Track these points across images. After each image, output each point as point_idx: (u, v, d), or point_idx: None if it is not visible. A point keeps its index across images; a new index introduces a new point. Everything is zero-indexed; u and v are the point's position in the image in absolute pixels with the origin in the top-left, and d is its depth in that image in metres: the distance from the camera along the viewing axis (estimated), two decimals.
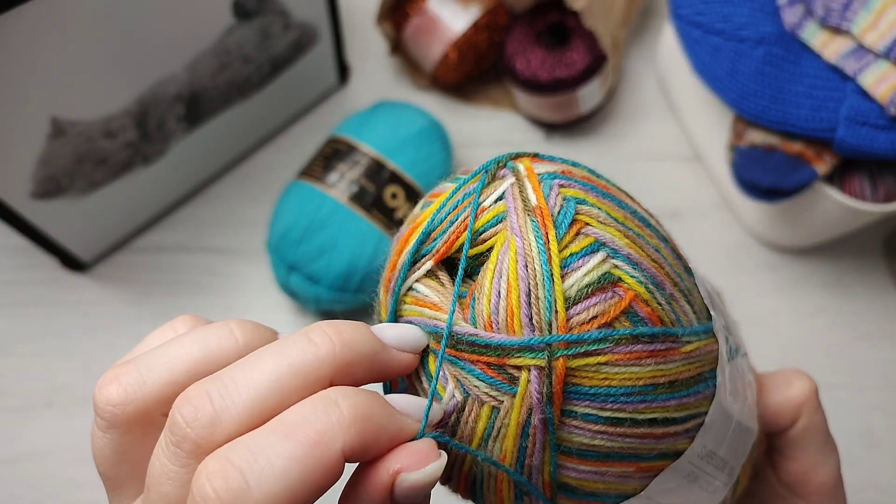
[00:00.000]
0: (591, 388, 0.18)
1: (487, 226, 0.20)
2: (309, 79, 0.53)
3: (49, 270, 0.49)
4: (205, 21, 0.42)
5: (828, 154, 0.43)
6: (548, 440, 0.19)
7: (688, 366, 0.19)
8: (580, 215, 0.19)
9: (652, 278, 0.19)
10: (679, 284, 0.20)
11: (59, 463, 0.45)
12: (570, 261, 0.18)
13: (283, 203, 0.46)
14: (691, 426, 0.20)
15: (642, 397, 0.19)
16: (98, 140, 0.42)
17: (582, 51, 0.50)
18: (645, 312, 0.19)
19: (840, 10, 0.43)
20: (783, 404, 0.26)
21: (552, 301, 0.18)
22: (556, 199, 0.19)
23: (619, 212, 0.20)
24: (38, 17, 0.34)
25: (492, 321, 0.19)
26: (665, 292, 0.19)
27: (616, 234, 0.19)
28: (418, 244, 0.21)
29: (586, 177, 0.20)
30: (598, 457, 0.19)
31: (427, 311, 0.20)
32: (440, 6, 0.51)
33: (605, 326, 0.18)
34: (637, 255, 0.19)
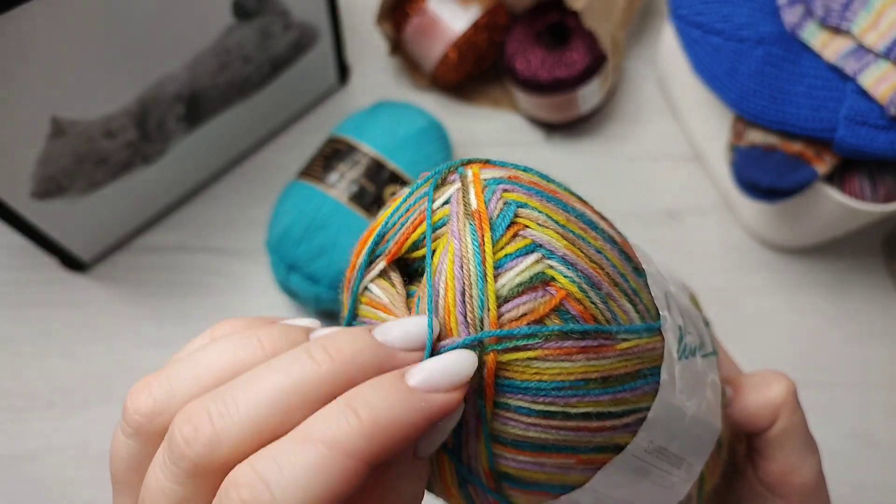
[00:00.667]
0: (522, 381, 0.19)
1: (435, 226, 0.21)
2: (309, 79, 0.53)
3: (49, 270, 0.49)
4: (205, 21, 0.42)
5: (828, 154, 0.43)
6: (481, 430, 0.20)
7: (623, 362, 0.20)
8: (520, 218, 0.20)
9: (588, 278, 0.20)
10: (621, 285, 0.21)
11: (59, 463, 0.45)
12: (504, 261, 0.19)
13: (282, 203, 0.46)
14: (631, 421, 0.21)
15: (574, 392, 0.19)
16: (98, 140, 0.42)
17: (582, 51, 0.50)
18: (577, 310, 0.19)
19: (840, 11, 0.43)
20: (761, 405, 0.26)
21: (484, 299, 0.19)
22: (496, 204, 0.20)
23: (561, 215, 0.20)
24: (38, 16, 0.34)
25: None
26: (601, 292, 0.20)
27: (554, 236, 0.20)
28: (373, 245, 0.22)
29: (534, 182, 0.21)
30: (534, 448, 0.20)
31: (380, 312, 0.21)
32: (440, 6, 0.51)
33: (535, 323, 0.19)
34: (574, 255, 0.20)
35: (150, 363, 0.47)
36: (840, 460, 0.45)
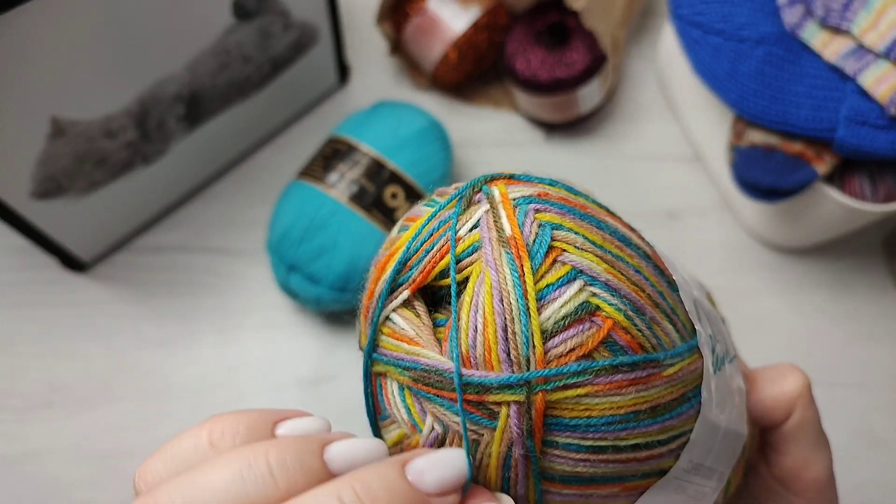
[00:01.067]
0: (571, 419, 0.18)
1: (462, 255, 0.19)
2: (309, 79, 0.53)
3: (49, 271, 0.49)
4: (205, 21, 0.42)
5: (828, 154, 0.43)
6: (530, 470, 0.19)
7: (670, 389, 0.19)
8: (557, 241, 0.19)
9: (632, 304, 0.19)
10: (661, 305, 0.20)
11: (58, 463, 0.45)
12: (546, 292, 0.18)
13: (282, 203, 0.46)
14: (675, 446, 0.20)
15: (624, 425, 0.18)
16: (98, 140, 0.42)
17: (582, 51, 0.50)
18: (625, 340, 0.19)
19: (840, 10, 0.43)
20: (777, 399, 0.26)
21: (529, 336, 0.18)
22: (531, 227, 0.19)
23: (597, 234, 0.19)
24: (37, 16, 0.34)
25: (470, 356, 0.18)
26: (645, 317, 0.19)
27: (594, 260, 0.19)
28: (395, 273, 0.20)
29: (563, 198, 0.20)
30: (582, 482, 0.19)
31: (404, 345, 0.20)
32: (440, 6, 0.51)
33: (583, 358, 0.18)
34: (616, 280, 0.19)
35: (150, 363, 0.47)
36: (842, 460, 0.45)
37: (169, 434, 0.49)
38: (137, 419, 0.46)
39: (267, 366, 0.47)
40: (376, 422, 0.22)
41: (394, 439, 0.21)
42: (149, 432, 0.45)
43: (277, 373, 0.47)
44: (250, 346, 0.48)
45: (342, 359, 0.48)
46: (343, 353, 0.48)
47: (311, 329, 0.48)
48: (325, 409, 0.46)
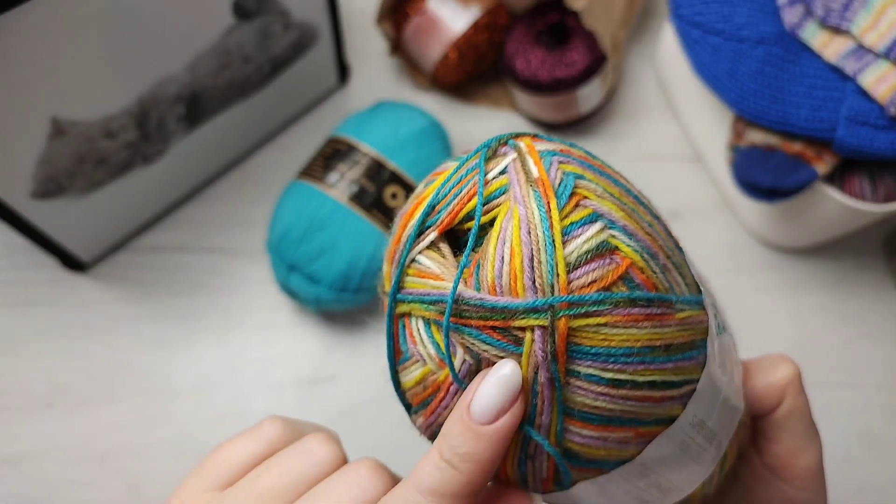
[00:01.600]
0: (592, 347, 0.19)
1: (491, 197, 0.21)
2: (309, 79, 0.53)
3: (49, 270, 0.49)
4: (205, 21, 0.42)
5: (828, 154, 0.43)
6: (555, 398, 0.20)
7: (682, 331, 0.20)
8: (579, 189, 0.20)
9: (647, 249, 0.20)
10: (672, 257, 0.21)
11: (58, 463, 0.45)
12: (570, 229, 0.20)
13: (283, 203, 0.46)
14: (685, 391, 0.21)
15: (641, 358, 0.20)
16: (98, 140, 0.42)
17: (582, 51, 0.50)
18: (640, 279, 0.20)
19: (840, 11, 0.43)
20: (768, 387, 0.27)
21: (554, 265, 0.19)
22: (556, 174, 0.20)
23: (614, 188, 0.21)
24: (38, 17, 0.34)
25: (496, 285, 0.20)
26: (659, 262, 0.20)
27: (612, 207, 0.20)
28: (423, 217, 0.21)
29: (583, 156, 0.21)
30: (600, 420, 0.20)
31: (430, 281, 0.21)
32: (440, 6, 0.51)
33: (603, 290, 0.19)
34: (632, 226, 0.20)
35: (150, 363, 0.47)
36: (841, 460, 0.45)
37: (169, 434, 0.49)
38: (137, 419, 0.46)
39: (267, 365, 0.47)
40: (396, 367, 0.23)
41: (416, 378, 0.22)
42: (149, 432, 0.45)
43: (277, 372, 0.47)
44: (250, 346, 0.48)
45: (342, 358, 0.48)
46: (343, 353, 0.48)
47: (311, 329, 0.48)
48: (325, 409, 0.46)
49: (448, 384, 0.21)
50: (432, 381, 0.22)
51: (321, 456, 0.23)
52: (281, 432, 0.25)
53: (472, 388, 0.20)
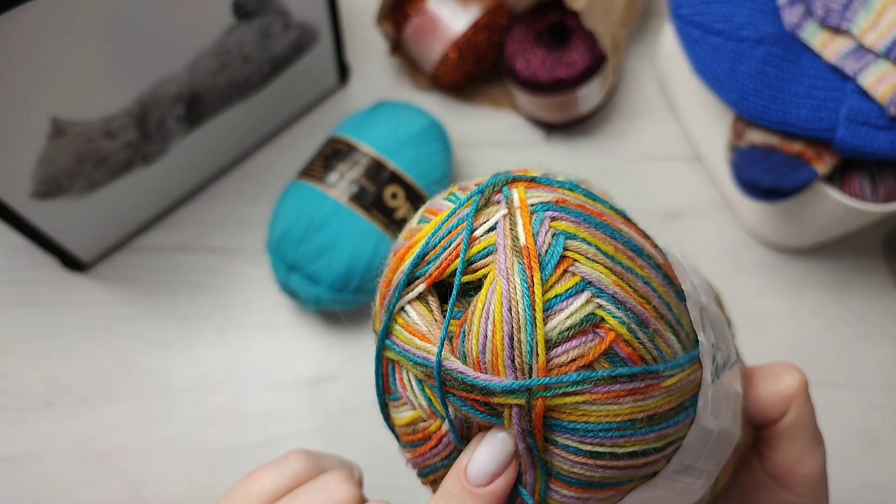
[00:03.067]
0: (569, 423, 0.19)
1: (478, 256, 0.20)
2: (309, 79, 0.53)
3: (49, 270, 0.49)
4: (205, 21, 0.42)
5: (828, 154, 0.43)
6: (536, 463, 0.20)
7: (668, 399, 0.20)
8: (569, 251, 0.19)
9: (636, 316, 0.19)
10: (666, 316, 0.20)
11: (58, 463, 0.45)
12: (554, 302, 0.19)
13: (282, 203, 0.46)
14: (670, 451, 0.21)
15: (621, 433, 0.19)
16: (98, 140, 0.42)
17: (582, 51, 0.50)
18: (626, 353, 0.19)
19: (840, 11, 0.43)
20: (773, 397, 0.26)
21: (533, 345, 0.19)
22: (545, 236, 0.19)
23: (609, 244, 0.20)
24: (38, 17, 0.34)
25: (479, 360, 0.20)
26: (649, 329, 0.20)
27: (603, 272, 0.19)
28: (413, 266, 0.21)
29: (581, 205, 0.20)
30: (580, 484, 0.20)
31: (416, 339, 0.21)
32: (440, 6, 0.51)
33: (584, 368, 0.19)
34: (623, 292, 0.19)
35: (150, 363, 0.47)
36: (841, 461, 0.45)
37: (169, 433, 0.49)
38: (137, 419, 0.46)
39: (267, 365, 0.47)
40: (385, 401, 0.23)
41: (407, 420, 0.22)
42: (149, 432, 0.45)
43: (277, 372, 0.47)
44: (250, 346, 0.48)
45: (342, 359, 0.48)
46: (343, 353, 0.48)
47: (311, 329, 0.48)
48: (325, 409, 0.46)
49: (440, 435, 0.21)
50: (423, 428, 0.22)
51: (339, 495, 0.24)
52: (305, 466, 0.26)
53: (468, 451, 0.21)
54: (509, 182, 0.21)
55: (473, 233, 0.20)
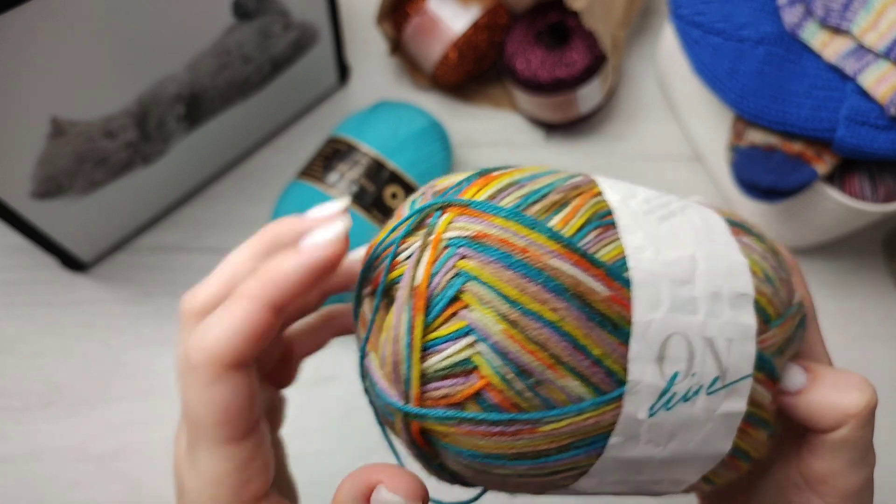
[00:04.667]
0: (444, 442, 0.21)
1: (395, 281, 0.22)
2: (309, 79, 0.53)
3: (49, 270, 0.50)
4: (205, 21, 0.42)
5: (828, 154, 0.43)
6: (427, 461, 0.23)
7: (548, 440, 0.20)
8: (464, 295, 0.20)
9: (518, 366, 0.19)
10: (569, 362, 0.20)
11: (57, 463, 0.45)
12: (434, 343, 0.20)
13: (283, 203, 0.46)
14: (567, 475, 0.21)
15: (491, 460, 0.20)
16: (98, 140, 0.42)
17: (582, 51, 0.50)
18: (496, 399, 0.20)
19: (840, 11, 0.43)
20: (829, 408, 0.24)
21: (410, 378, 0.20)
22: (443, 277, 0.20)
23: (514, 288, 0.19)
24: (37, 16, 0.34)
25: (384, 372, 0.22)
26: (530, 379, 0.19)
27: (493, 319, 0.19)
28: (364, 271, 0.23)
29: (504, 240, 0.20)
30: (478, 483, 0.22)
31: (360, 332, 0.23)
32: (440, 6, 0.51)
33: (453, 406, 0.20)
34: (508, 340, 0.19)
35: (149, 363, 0.47)
36: None
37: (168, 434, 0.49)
38: (137, 419, 0.46)
39: None
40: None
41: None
42: (148, 432, 0.45)
43: None
44: None
45: (342, 359, 0.48)
46: (342, 354, 0.48)
47: None
48: (325, 410, 0.46)
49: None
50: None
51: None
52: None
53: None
54: (444, 207, 0.21)
55: (397, 257, 0.21)
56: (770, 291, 0.23)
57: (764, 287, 0.23)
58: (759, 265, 0.23)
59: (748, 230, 0.25)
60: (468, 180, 0.22)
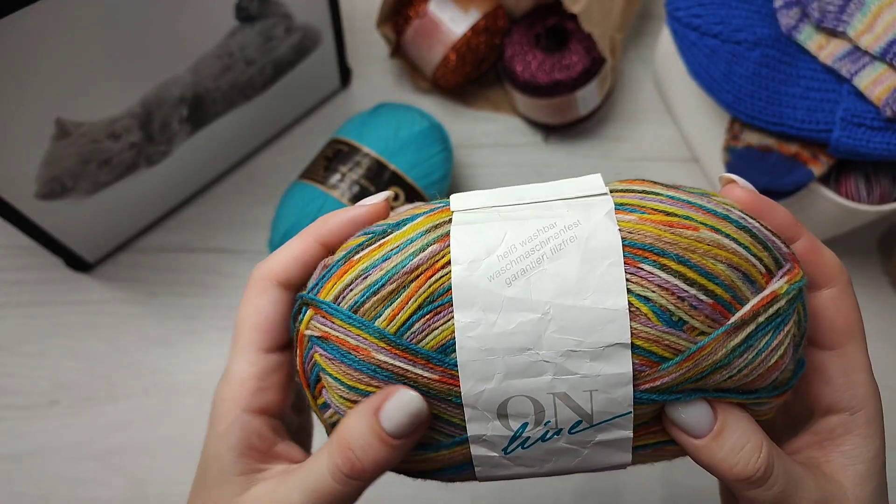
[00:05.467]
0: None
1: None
2: (311, 81, 0.53)
3: (54, 270, 0.50)
4: (208, 24, 0.43)
5: (823, 155, 0.43)
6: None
7: (422, 465, 0.25)
8: (322, 380, 0.24)
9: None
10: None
11: (62, 461, 0.45)
12: (319, 407, 0.25)
13: (285, 203, 0.47)
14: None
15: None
16: (102, 141, 0.42)
17: (580, 53, 0.50)
18: None
19: (836, 13, 0.43)
20: (723, 470, 0.22)
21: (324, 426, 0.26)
22: (307, 365, 0.25)
23: (349, 379, 0.23)
24: (42, 19, 0.34)
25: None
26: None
27: (339, 400, 0.24)
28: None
29: (340, 341, 0.23)
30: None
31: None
32: (440, 10, 0.52)
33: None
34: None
35: (153, 362, 0.48)
36: None
37: (173, 432, 0.49)
38: (141, 417, 0.46)
39: None
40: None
41: None
42: (152, 430, 0.46)
43: None
44: None
45: None
46: None
47: None
48: None
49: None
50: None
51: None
52: None
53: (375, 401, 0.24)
54: (308, 303, 0.24)
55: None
56: (658, 332, 0.22)
57: (650, 329, 0.22)
58: (657, 301, 0.22)
59: (661, 251, 0.22)
60: (337, 265, 0.24)
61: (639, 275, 0.22)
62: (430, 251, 0.23)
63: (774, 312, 0.22)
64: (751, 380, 0.22)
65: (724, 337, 0.22)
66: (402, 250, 0.23)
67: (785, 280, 0.23)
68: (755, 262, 0.22)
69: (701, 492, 0.45)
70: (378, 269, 0.23)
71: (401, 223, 0.24)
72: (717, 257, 0.22)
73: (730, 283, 0.22)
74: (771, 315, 0.22)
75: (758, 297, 0.22)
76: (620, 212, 0.23)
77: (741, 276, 0.22)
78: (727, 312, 0.22)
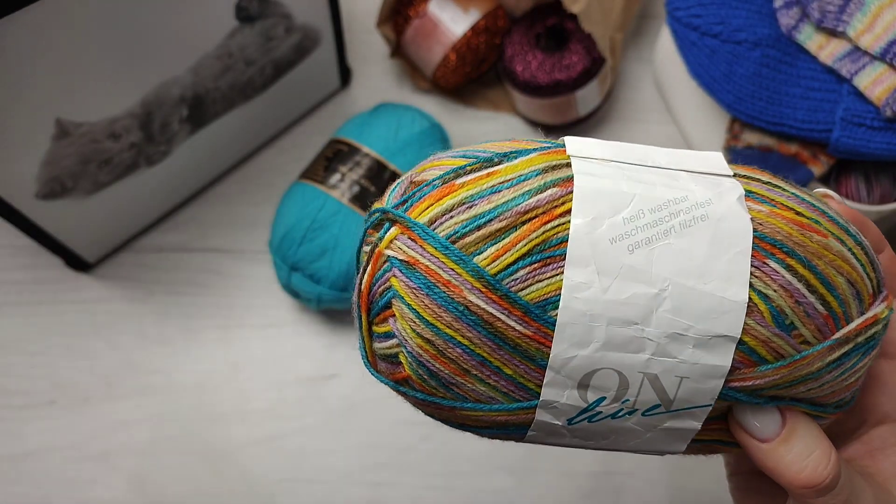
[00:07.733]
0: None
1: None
2: (311, 81, 0.53)
3: (53, 270, 0.50)
4: (208, 24, 0.43)
5: (823, 155, 0.43)
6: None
7: (469, 420, 0.23)
8: (392, 307, 0.22)
9: (430, 371, 0.22)
10: (479, 374, 0.22)
11: (61, 461, 0.45)
12: (375, 335, 0.23)
13: (285, 204, 0.47)
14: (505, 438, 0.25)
15: (437, 418, 0.24)
16: (102, 141, 0.43)
17: (580, 53, 0.50)
18: (419, 388, 0.23)
19: (836, 13, 0.43)
20: (784, 474, 0.23)
21: (365, 353, 0.24)
22: (378, 287, 0.22)
23: (431, 312, 0.21)
24: (42, 19, 0.34)
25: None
26: (442, 381, 0.22)
27: (410, 333, 0.21)
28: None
29: (429, 271, 0.21)
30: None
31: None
32: (440, 10, 0.52)
33: (392, 379, 0.23)
34: (422, 353, 0.22)
35: (152, 361, 0.48)
36: None
37: (172, 431, 0.49)
38: (140, 417, 0.46)
39: (269, 364, 0.48)
40: None
41: None
42: (152, 430, 0.46)
43: (279, 371, 0.48)
44: (252, 345, 0.48)
45: (343, 357, 0.48)
46: (344, 352, 0.48)
47: (313, 328, 0.49)
48: (327, 407, 0.47)
49: None
50: None
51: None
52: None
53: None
54: (392, 221, 0.22)
55: (365, 247, 0.24)
56: (769, 333, 0.21)
57: (762, 328, 0.21)
58: (776, 301, 0.21)
59: (790, 251, 0.21)
60: (432, 185, 0.22)
61: (763, 269, 0.21)
62: (550, 194, 0.21)
63: (871, 335, 0.22)
64: (825, 395, 0.22)
65: (826, 351, 0.21)
66: (514, 185, 0.21)
67: (884, 305, 0.22)
68: (867, 282, 0.22)
69: (703, 494, 0.45)
70: (485, 200, 0.21)
71: (510, 155, 0.22)
72: (840, 269, 0.21)
73: (844, 298, 0.21)
74: (868, 337, 0.22)
75: (862, 318, 0.22)
76: (750, 199, 0.22)
77: (854, 294, 0.22)
78: (834, 326, 0.21)
